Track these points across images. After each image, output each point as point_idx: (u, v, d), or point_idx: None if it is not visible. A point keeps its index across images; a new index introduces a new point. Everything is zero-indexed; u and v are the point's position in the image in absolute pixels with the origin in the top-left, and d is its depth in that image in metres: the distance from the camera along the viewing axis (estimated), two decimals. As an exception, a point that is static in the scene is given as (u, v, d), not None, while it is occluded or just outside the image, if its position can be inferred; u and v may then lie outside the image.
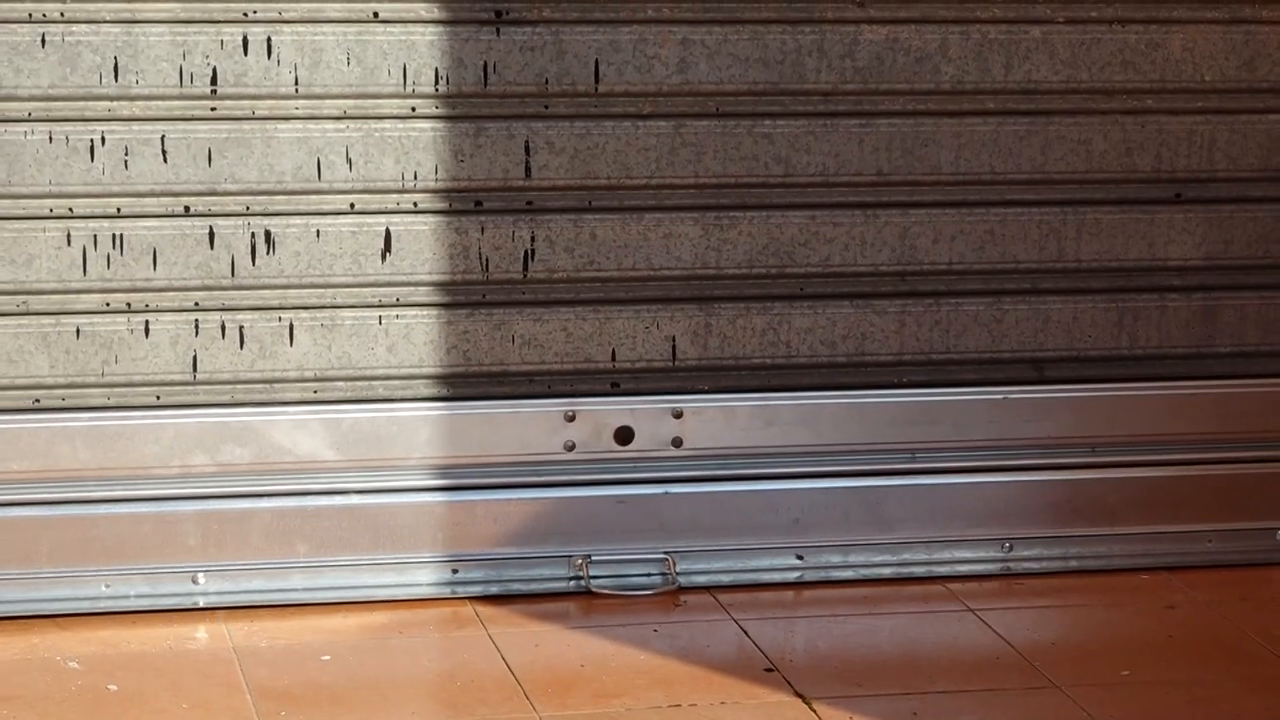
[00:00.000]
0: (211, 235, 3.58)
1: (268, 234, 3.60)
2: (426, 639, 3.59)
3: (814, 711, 3.24)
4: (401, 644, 3.55)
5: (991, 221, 3.88)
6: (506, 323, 3.73)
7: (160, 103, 3.53)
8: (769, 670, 3.41)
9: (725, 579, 3.82)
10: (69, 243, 3.52)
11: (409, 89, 3.62)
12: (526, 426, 3.76)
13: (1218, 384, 3.99)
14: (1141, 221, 3.93)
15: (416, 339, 3.70)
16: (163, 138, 3.52)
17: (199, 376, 3.61)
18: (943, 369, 3.91)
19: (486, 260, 3.70)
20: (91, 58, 3.48)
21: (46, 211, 3.50)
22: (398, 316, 3.69)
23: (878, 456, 3.90)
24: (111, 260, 3.54)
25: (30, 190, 3.49)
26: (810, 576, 3.85)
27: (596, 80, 3.68)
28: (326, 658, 3.44)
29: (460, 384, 3.74)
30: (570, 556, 3.77)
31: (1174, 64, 3.88)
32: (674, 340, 3.80)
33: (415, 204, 3.66)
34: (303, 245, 3.63)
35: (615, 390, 3.79)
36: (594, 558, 3.77)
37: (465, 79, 3.64)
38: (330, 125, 3.62)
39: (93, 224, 3.53)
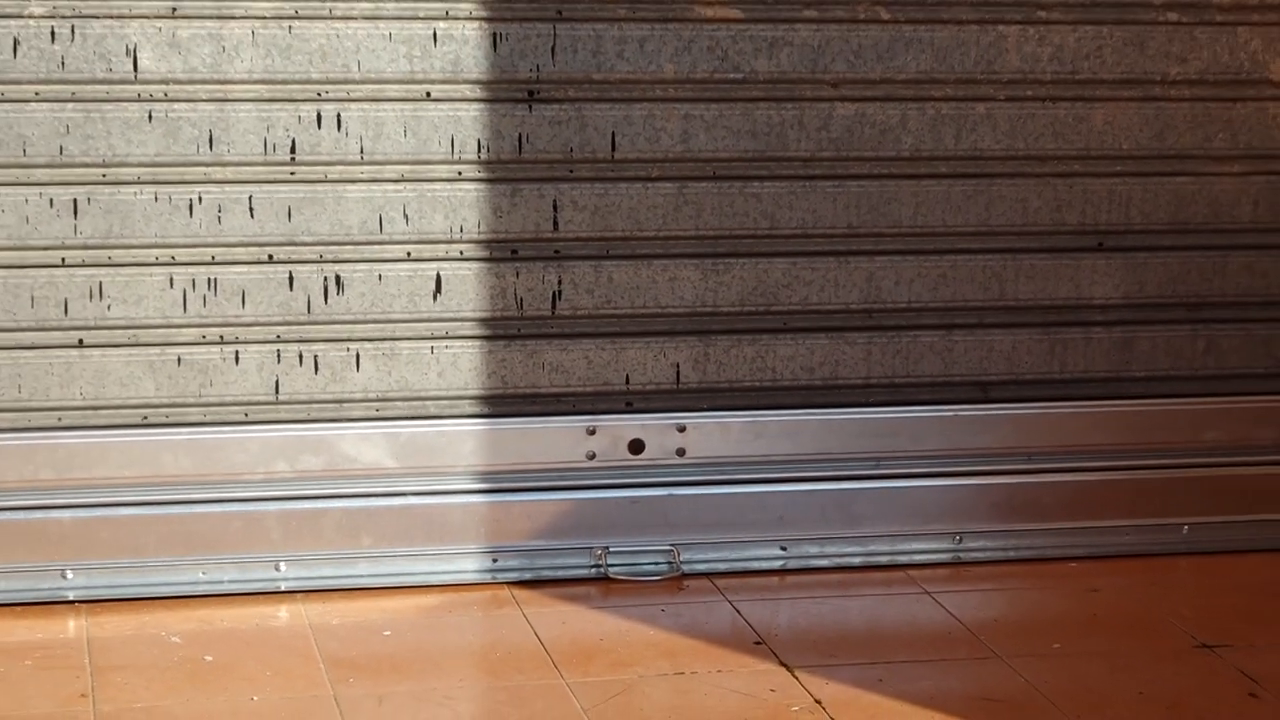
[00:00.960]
0: (291, 279, 3.61)
1: (338, 278, 3.63)
2: (471, 617, 3.61)
3: (795, 678, 3.29)
4: (450, 621, 3.59)
5: (944, 267, 3.88)
6: (538, 352, 3.75)
7: (248, 168, 3.56)
8: (758, 643, 3.45)
9: (721, 566, 3.83)
10: (172, 285, 3.55)
11: (456, 156, 3.63)
12: (554, 439, 3.77)
13: (1133, 403, 3.99)
14: (1069, 267, 3.93)
15: (462, 366, 3.72)
16: (250, 197, 3.56)
17: (280, 397, 3.65)
18: (903, 390, 3.92)
19: (521, 300, 3.71)
20: (190, 130, 3.51)
21: (153, 259, 3.54)
22: (447, 347, 3.70)
23: (848, 464, 3.90)
24: (207, 300, 3.58)
25: (140, 242, 3.53)
26: (792, 564, 3.87)
27: (613, 149, 3.70)
28: (387, 633, 3.48)
29: (499, 403, 3.75)
30: (591, 548, 3.78)
31: (1097, 134, 3.90)
32: (678, 367, 3.81)
33: (461, 252, 3.68)
34: (367, 287, 3.65)
35: (629, 409, 3.80)
36: (611, 549, 3.78)
37: (503, 148, 3.66)
38: (390, 186, 3.63)
39: (191, 270, 3.57)
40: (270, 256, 3.60)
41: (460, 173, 3.65)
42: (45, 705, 3.13)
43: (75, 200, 3.50)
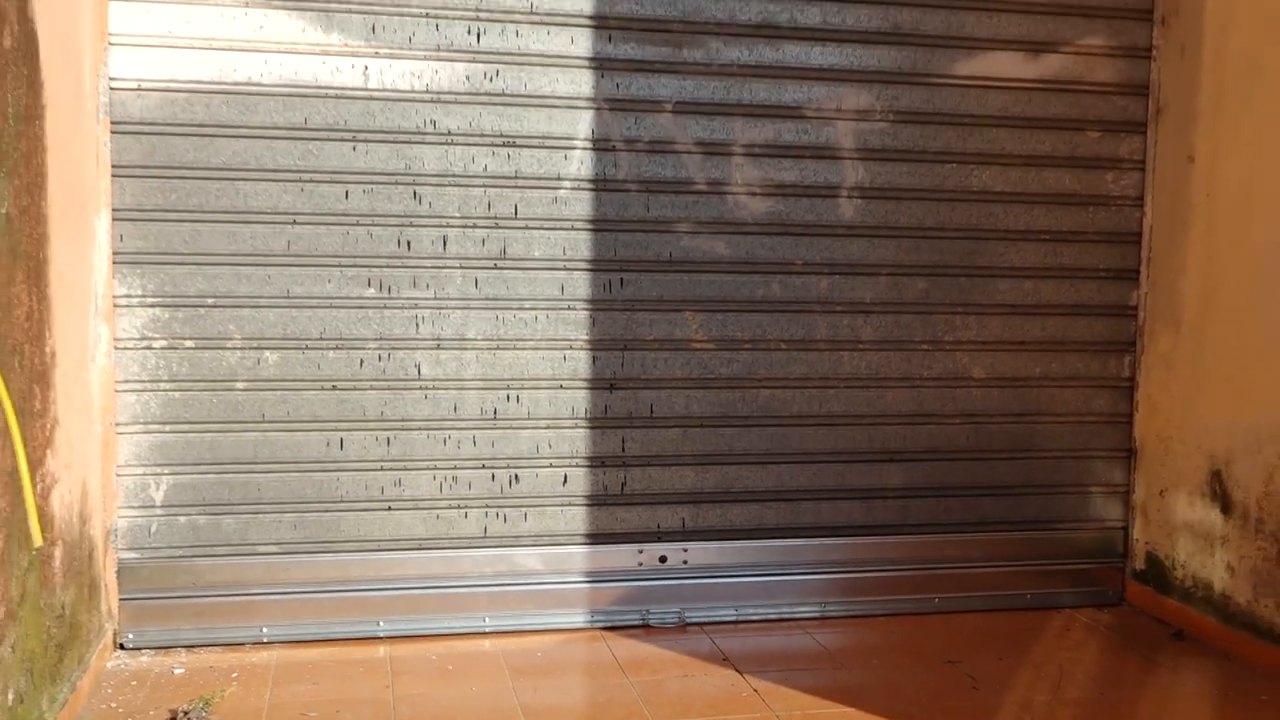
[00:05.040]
0: (493, 476, 3.66)
1: (516, 475, 3.68)
2: (579, 646, 3.63)
3: (744, 678, 3.35)
4: (569, 648, 3.61)
5: (814, 470, 3.90)
6: (614, 511, 3.77)
7: (473, 422, 3.64)
8: (724, 660, 3.51)
9: (705, 619, 3.83)
10: (434, 479, 3.63)
11: (573, 415, 3.66)
12: (621, 555, 3.78)
13: (909, 537, 3.97)
14: (876, 469, 3.95)
15: (577, 519, 3.74)
16: (474, 436, 3.64)
17: (487, 535, 3.69)
18: (795, 531, 3.89)
19: (606, 485, 3.75)
20: (445, 404, 3.60)
21: (425, 467, 3.62)
22: (569, 508, 3.73)
23: (769, 568, 3.88)
24: (452, 487, 3.64)
25: (419, 458, 3.62)
26: (741, 618, 3.86)
27: (651, 413, 3.76)
28: (539, 654, 3.54)
29: (594, 537, 3.76)
30: (640, 610, 3.80)
31: (888, 404, 3.93)
32: (684, 519, 3.82)
33: (576, 463, 3.71)
34: (531, 480, 3.69)
35: (659, 540, 3.81)
36: (650, 610, 3.80)
37: (597, 411, 3.72)
38: (542, 431, 3.65)
39: (444, 472, 3.63)
40: (484, 465, 3.67)
41: (576, 424, 3.71)
42: (367, 692, 3.20)
43: (389, 438, 3.59)
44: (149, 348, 3.44)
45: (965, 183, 3.92)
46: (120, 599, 3.45)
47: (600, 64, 3.62)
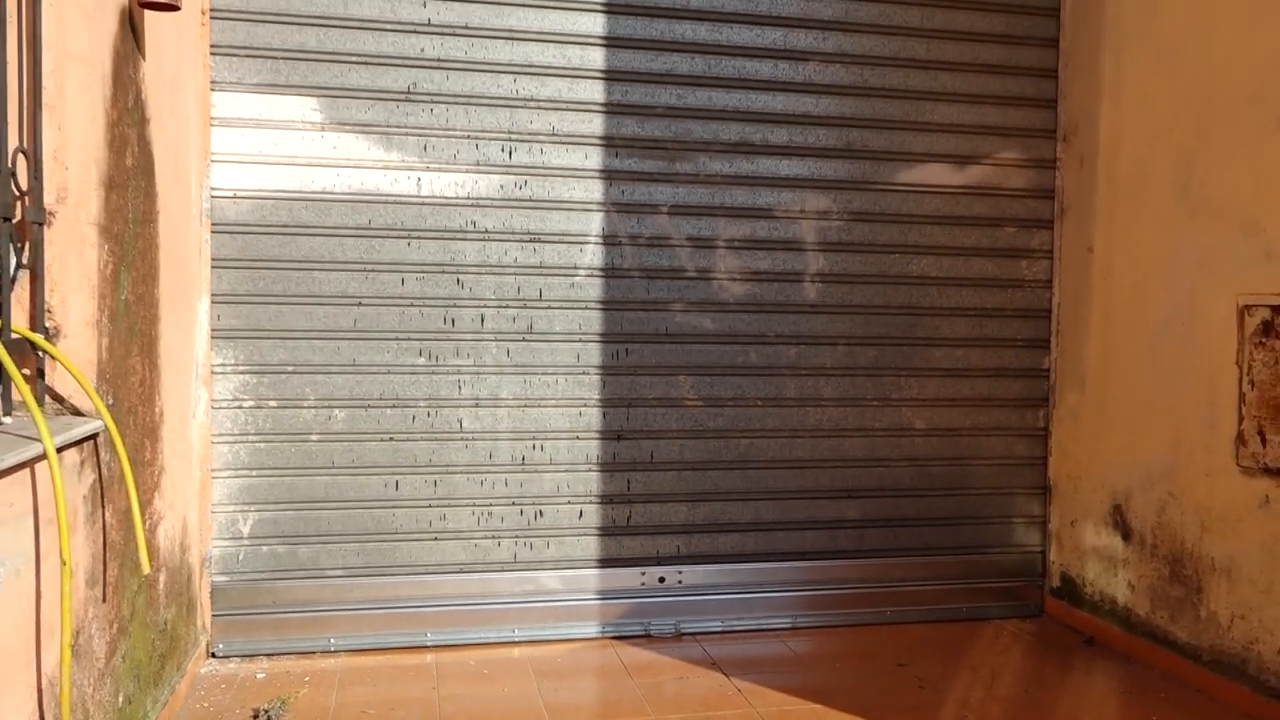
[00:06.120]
0: (521, 511, 3.62)
1: (541, 510, 3.63)
2: (593, 653, 3.59)
3: (730, 679, 3.32)
4: (584, 655, 3.57)
5: (783, 506, 3.84)
6: (621, 540, 3.73)
7: (505, 467, 3.58)
8: (713, 664, 3.48)
9: (697, 629, 3.79)
10: (473, 514, 3.58)
11: (585, 460, 3.66)
12: (626, 577, 3.74)
13: (866, 560, 3.92)
14: (837, 503, 3.90)
15: (590, 546, 3.70)
16: (505, 479, 3.59)
17: (517, 560, 3.65)
18: (771, 556, 3.83)
19: (614, 519, 3.70)
20: (482, 451, 3.53)
21: (466, 504, 3.57)
22: (584, 537, 3.69)
23: (749, 586, 3.83)
24: (489, 521, 3.59)
25: (461, 495, 3.56)
26: (727, 629, 3.80)
27: (651, 459, 3.71)
28: (559, 660, 3.51)
29: (604, 562, 3.71)
30: (643, 623, 3.76)
31: (845, 449, 3.87)
32: (679, 546, 3.79)
33: (589, 500, 3.67)
34: (553, 514, 3.64)
35: (658, 564, 3.76)
36: (651, 623, 3.76)
37: (606, 457, 3.67)
38: (562, 474, 3.63)
39: (481, 508, 3.57)
40: (514, 502, 3.64)
41: (590, 468, 3.69)
42: (417, 693, 3.18)
43: (436, 480, 3.57)
44: (239, 407, 3.47)
45: (906, 269, 3.96)
46: (212, 615, 3.46)
47: (609, 175, 3.69)
